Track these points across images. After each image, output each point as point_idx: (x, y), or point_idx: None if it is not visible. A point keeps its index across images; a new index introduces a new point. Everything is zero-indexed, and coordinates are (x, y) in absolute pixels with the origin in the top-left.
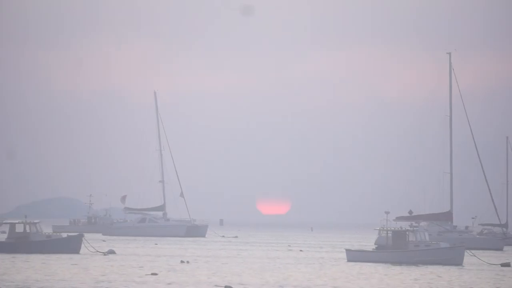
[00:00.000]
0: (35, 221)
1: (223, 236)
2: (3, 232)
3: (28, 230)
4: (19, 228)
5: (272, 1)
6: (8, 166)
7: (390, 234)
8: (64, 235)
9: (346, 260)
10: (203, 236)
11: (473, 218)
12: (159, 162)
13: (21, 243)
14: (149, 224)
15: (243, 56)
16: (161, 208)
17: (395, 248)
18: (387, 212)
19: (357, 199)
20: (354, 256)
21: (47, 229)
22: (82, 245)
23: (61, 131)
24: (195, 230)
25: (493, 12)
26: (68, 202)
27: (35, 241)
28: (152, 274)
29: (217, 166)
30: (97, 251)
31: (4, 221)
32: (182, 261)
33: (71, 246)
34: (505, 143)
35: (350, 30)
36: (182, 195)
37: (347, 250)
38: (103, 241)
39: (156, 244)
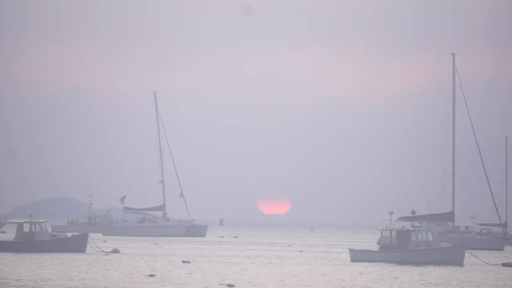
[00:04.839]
0: (41, 220)
1: (222, 237)
2: (3, 232)
3: (33, 229)
4: (26, 228)
5: (271, 1)
6: (8, 166)
7: (394, 234)
8: (69, 234)
9: (349, 260)
10: (203, 236)
11: (472, 218)
12: (159, 162)
13: (27, 243)
14: (149, 224)
15: (243, 56)
16: (161, 208)
17: (399, 248)
18: (391, 213)
19: (357, 199)
20: (358, 256)
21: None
22: (87, 244)
23: (61, 131)
24: (194, 230)
25: (496, 13)
26: (68, 202)
27: (41, 241)
28: (150, 275)
29: (217, 166)
30: (102, 250)
31: (9, 221)
32: (183, 261)
33: (76, 245)
34: (504, 143)
35: (352, 29)
36: (182, 195)
37: (351, 250)
38: (104, 241)
39: (156, 244)
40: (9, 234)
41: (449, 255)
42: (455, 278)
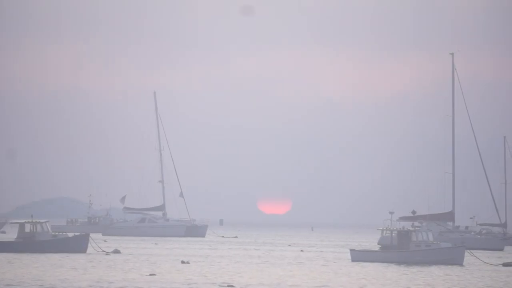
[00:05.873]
0: (42, 220)
1: (223, 237)
2: (3, 232)
3: (35, 229)
4: (28, 228)
5: (271, 1)
6: (8, 166)
7: (395, 234)
8: (71, 234)
9: (350, 260)
10: (203, 236)
11: (471, 218)
12: (159, 162)
13: (28, 243)
14: (149, 224)
15: (243, 55)
16: (161, 208)
17: (400, 248)
18: (391, 212)
19: (357, 199)
20: (359, 256)
21: None
22: (89, 245)
23: (61, 131)
24: (194, 230)
25: (496, 13)
26: (68, 202)
27: (42, 241)
28: (151, 274)
29: (217, 166)
30: (103, 250)
31: (10, 221)
32: (183, 262)
33: (77, 245)
34: (502, 143)
35: (352, 29)
36: (181, 195)
37: (352, 250)
38: (104, 241)
39: (156, 244)
40: (10, 234)
41: (449, 255)
42: (455, 278)
